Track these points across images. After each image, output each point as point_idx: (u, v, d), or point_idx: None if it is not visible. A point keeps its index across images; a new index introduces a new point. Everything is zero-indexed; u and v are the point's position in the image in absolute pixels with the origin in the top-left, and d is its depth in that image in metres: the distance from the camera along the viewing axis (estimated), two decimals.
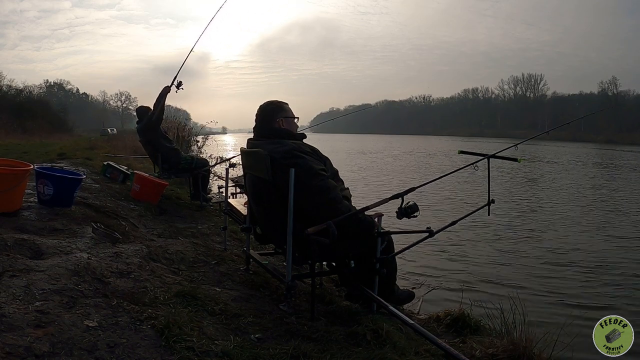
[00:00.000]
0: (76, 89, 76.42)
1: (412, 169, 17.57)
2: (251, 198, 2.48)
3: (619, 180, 14.17)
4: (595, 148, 39.66)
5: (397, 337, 1.96)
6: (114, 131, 34.66)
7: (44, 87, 59.68)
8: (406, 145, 40.44)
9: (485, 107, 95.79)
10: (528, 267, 4.59)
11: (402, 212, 2.10)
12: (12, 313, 1.50)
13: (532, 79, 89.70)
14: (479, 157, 2.50)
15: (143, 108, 5.48)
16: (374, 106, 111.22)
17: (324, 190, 2.08)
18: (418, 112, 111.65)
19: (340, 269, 2.36)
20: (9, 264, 1.92)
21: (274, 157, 2.10)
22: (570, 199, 9.83)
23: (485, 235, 5.88)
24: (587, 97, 76.97)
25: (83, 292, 1.81)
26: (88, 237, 2.66)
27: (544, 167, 18.57)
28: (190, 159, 5.46)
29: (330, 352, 1.69)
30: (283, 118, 2.29)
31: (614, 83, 73.82)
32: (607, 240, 5.89)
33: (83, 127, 42.12)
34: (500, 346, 2.05)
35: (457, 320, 2.50)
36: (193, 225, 4.02)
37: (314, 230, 1.96)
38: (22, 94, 31.63)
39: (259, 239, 2.65)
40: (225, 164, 4.64)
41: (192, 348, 1.53)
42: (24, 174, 2.87)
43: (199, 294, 2.04)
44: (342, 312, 2.23)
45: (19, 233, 2.44)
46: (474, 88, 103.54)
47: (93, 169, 6.21)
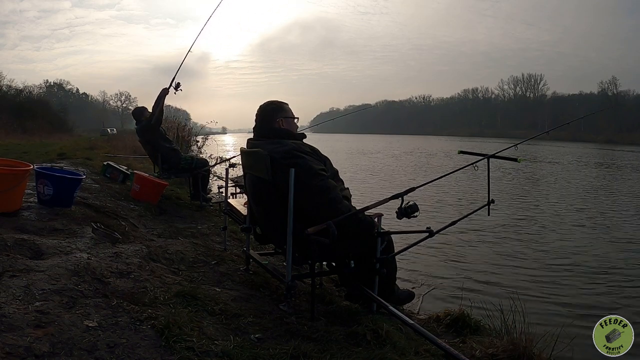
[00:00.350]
0: (76, 89, 76.53)
1: (412, 169, 17.57)
2: (251, 198, 2.48)
3: (620, 180, 14.17)
4: (596, 148, 39.66)
5: (397, 337, 1.96)
6: (114, 131, 34.68)
7: (43, 87, 59.75)
8: (406, 145, 40.44)
9: (485, 107, 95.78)
10: (528, 267, 4.59)
11: (402, 212, 2.11)
12: (12, 313, 1.50)
13: (532, 79, 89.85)
14: (479, 157, 2.50)
15: (139, 109, 5.49)
16: (374, 106, 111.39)
17: (324, 190, 2.08)
18: (418, 112, 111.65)
19: (340, 269, 2.36)
20: (9, 264, 1.92)
21: (274, 157, 2.10)
22: (570, 199, 9.82)
23: (485, 236, 5.88)
24: (587, 97, 76.97)
25: (83, 292, 1.81)
26: (88, 237, 2.66)
27: (544, 167, 18.57)
28: (190, 159, 5.47)
29: (330, 352, 1.69)
30: (283, 118, 2.29)
31: (613, 83, 73.94)
32: (607, 241, 5.88)
33: (83, 127, 42.12)
34: (500, 346, 2.05)
35: (457, 320, 2.50)
36: (193, 225, 4.02)
37: (314, 230, 1.96)
38: (22, 94, 31.65)
39: (259, 239, 2.65)
40: (225, 164, 4.65)
41: (192, 348, 1.53)
42: (24, 174, 2.87)
43: (199, 294, 2.04)
44: (342, 312, 2.23)
45: (19, 233, 2.44)
46: (474, 88, 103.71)
47: (93, 169, 6.21)
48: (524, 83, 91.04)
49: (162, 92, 4.97)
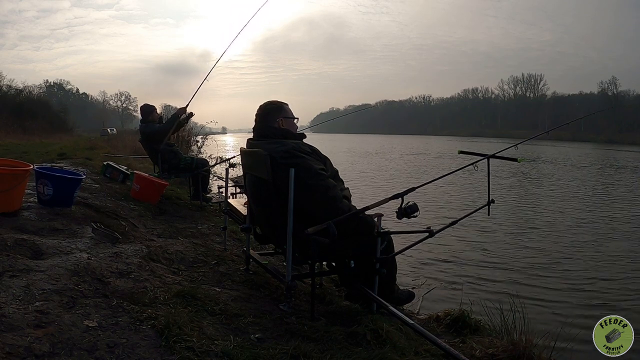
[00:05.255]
0: (76, 89, 76.61)
1: (412, 169, 17.56)
2: (251, 198, 2.48)
3: (621, 180, 14.16)
4: (596, 148, 39.65)
5: (397, 337, 1.96)
6: (114, 131, 34.59)
7: (43, 87, 59.82)
8: (406, 145, 40.44)
9: (485, 107, 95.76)
10: (528, 267, 4.59)
11: (402, 212, 2.10)
12: (12, 313, 1.50)
13: (532, 79, 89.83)
14: (479, 157, 2.50)
15: (148, 107, 5.45)
16: (374, 106, 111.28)
17: (324, 189, 2.08)
18: (418, 112, 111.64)
19: (340, 269, 2.36)
20: (9, 264, 1.92)
21: (274, 157, 2.10)
22: (571, 199, 9.82)
23: (485, 235, 5.88)
24: (587, 97, 76.93)
25: (83, 292, 1.81)
26: (88, 237, 2.66)
27: (544, 167, 18.56)
28: (190, 159, 5.47)
29: (330, 352, 1.69)
30: (283, 118, 2.29)
31: (613, 83, 73.90)
32: (608, 241, 5.88)
33: (83, 127, 42.10)
34: (500, 346, 2.05)
35: (457, 320, 2.50)
36: (193, 225, 4.02)
37: (313, 230, 1.96)
38: (22, 94, 31.56)
39: (259, 239, 2.65)
40: (225, 164, 4.64)
41: (192, 348, 1.53)
42: (23, 174, 2.87)
43: (199, 294, 2.04)
44: (342, 312, 2.23)
45: (19, 233, 2.44)
46: (474, 88, 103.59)
47: (93, 169, 6.21)
48: (524, 83, 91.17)
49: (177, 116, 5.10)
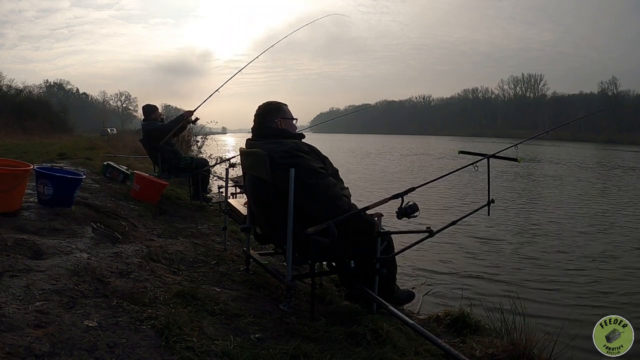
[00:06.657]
0: (76, 89, 76.57)
1: (412, 169, 17.56)
2: (251, 198, 2.48)
3: (621, 181, 14.16)
4: (596, 148, 39.63)
5: (397, 337, 1.96)
6: (114, 131, 34.57)
7: (43, 87, 59.80)
8: (406, 145, 40.43)
9: (485, 107, 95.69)
10: (528, 267, 4.59)
11: (402, 212, 2.10)
12: (12, 313, 1.50)
13: (532, 79, 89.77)
14: (479, 157, 2.50)
15: (150, 107, 5.47)
16: (374, 106, 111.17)
17: (324, 188, 2.08)
18: (418, 112, 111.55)
19: (340, 269, 2.36)
20: (9, 264, 1.92)
21: (273, 157, 2.10)
22: (570, 199, 9.82)
23: (485, 236, 5.87)
24: (587, 97, 76.91)
25: (83, 292, 1.81)
26: (88, 237, 2.66)
27: (544, 167, 18.56)
28: (190, 159, 5.48)
29: (330, 352, 1.69)
30: (281, 119, 2.29)
31: (613, 83, 73.88)
32: (608, 241, 5.88)
33: (83, 127, 42.09)
34: (500, 346, 2.05)
35: (457, 320, 2.50)
36: (193, 225, 4.02)
37: (313, 230, 1.96)
38: (22, 94, 31.54)
39: (259, 239, 2.66)
40: (225, 164, 4.64)
41: (192, 348, 1.53)
42: (23, 174, 2.87)
43: (199, 294, 2.04)
44: (342, 312, 2.23)
45: (19, 233, 2.44)
46: (474, 88, 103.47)
47: (93, 169, 6.21)
48: (524, 83, 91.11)
49: (183, 119, 5.13)
